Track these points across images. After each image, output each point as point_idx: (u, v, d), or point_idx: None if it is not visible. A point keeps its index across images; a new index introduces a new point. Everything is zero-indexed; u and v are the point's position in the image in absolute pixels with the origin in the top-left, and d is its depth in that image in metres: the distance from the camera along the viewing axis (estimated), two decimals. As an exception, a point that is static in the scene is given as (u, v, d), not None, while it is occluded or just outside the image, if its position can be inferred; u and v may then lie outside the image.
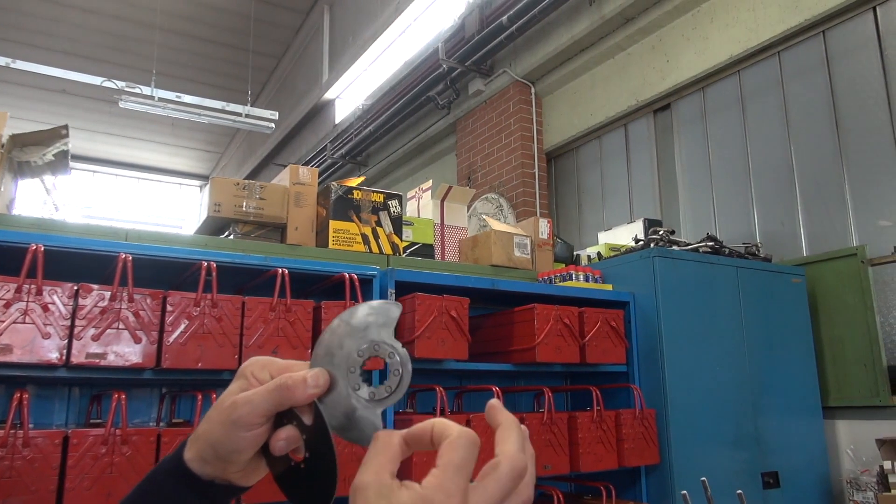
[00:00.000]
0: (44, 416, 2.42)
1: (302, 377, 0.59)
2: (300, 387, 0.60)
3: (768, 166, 4.45)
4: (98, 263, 2.19)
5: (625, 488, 3.12)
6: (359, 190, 3.20)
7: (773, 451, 3.34)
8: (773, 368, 3.45)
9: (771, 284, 3.57)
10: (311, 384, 0.60)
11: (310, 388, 0.60)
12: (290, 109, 11.59)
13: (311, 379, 0.60)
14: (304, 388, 0.60)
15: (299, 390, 0.60)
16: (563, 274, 3.38)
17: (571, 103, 6.08)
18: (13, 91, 11.27)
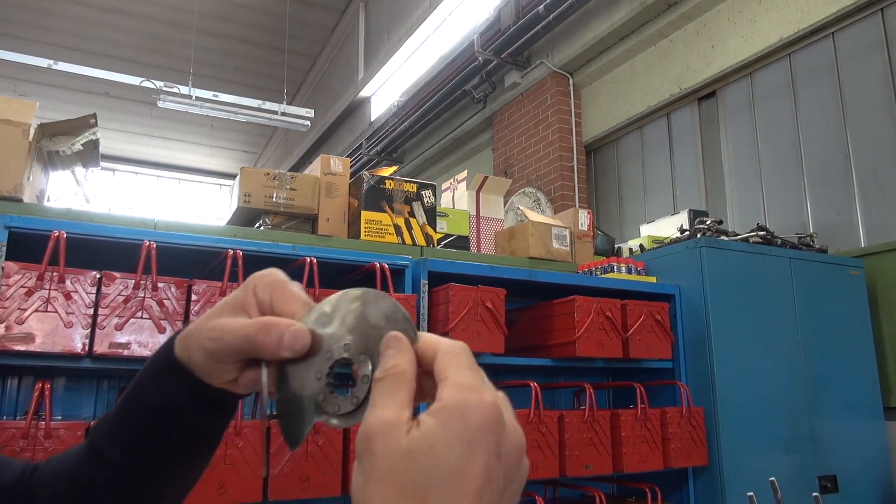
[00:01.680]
0: (73, 409, 2.38)
1: (279, 334, 0.50)
2: (272, 343, 0.50)
3: (822, 154, 4.22)
4: (125, 254, 2.13)
5: (671, 491, 2.96)
6: (391, 180, 3.10)
7: (831, 453, 3.14)
8: (829, 366, 3.24)
9: (827, 277, 3.37)
10: (285, 345, 0.50)
11: (283, 349, 0.50)
12: (327, 108, 11.62)
13: (289, 338, 0.50)
14: (277, 347, 0.50)
15: (270, 346, 0.50)
16: (604, 266, 3.23)
17: (611, 94, 5.90)
18: (59, 95, 11.53)
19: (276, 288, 0.55)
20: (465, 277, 2.58)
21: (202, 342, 0.55)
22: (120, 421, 0.61)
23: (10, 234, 1.92)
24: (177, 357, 0.58)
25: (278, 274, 0.56)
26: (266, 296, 0.55)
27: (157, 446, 0.59)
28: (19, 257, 1.90)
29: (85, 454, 0.61)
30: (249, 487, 1.98)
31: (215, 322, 0.55)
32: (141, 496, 0.61)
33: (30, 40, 10.27)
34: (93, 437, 0.62)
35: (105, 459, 0.60)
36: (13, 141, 2.30)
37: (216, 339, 0.54)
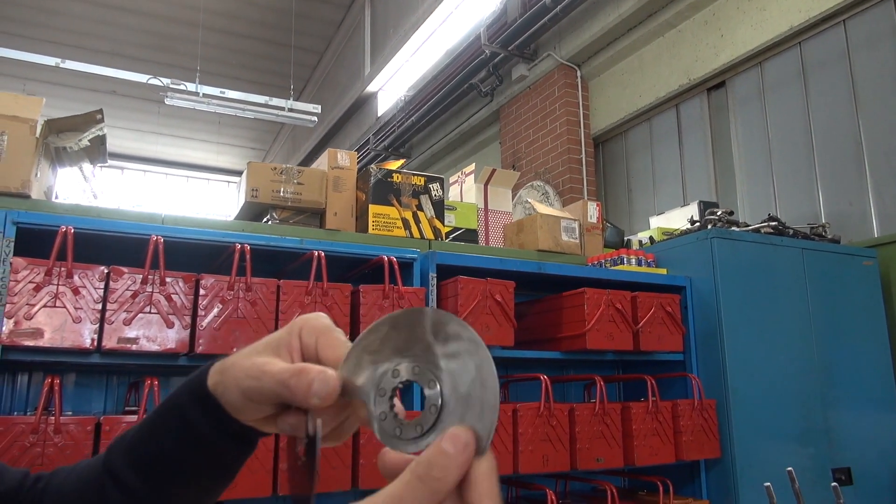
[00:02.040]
0: (83, 405, 2.38)
1: (308, 382, 0.49)
2: (302, 389, 0.50)
3: (834, 143, 4.17)
4: (133, 249, 2.12)
5: (683, 483, 2.94)
6: (398, 173, 3.08)
7: (845, 445, 3.11)
8: (843, 357, 3.21)
9: (840, 267, 3.33)
10: (314, 392, 0.49)
11: (311, 397, 0.49)
12: (333, 104, 11.61)
13: (318, 386, 0.49)
14: (305, 395, 0.49)
15: (300, 392, 0.50)
16: (614, 258, 3.21)
17: (619, 85, 5.86)
18: (66, 94, 11.57)
19: (322, 333, 0.55)
20: (474, 270, 2.57)
21: (239, 379, 0.54)
22: (139, 443, 0.60)
23: (18, 229, 1.92)
24: (209, 389, 0.57)
25: (324, 319, 0.56)
26: (311, 340, 0.54)
27: (175, 474, 0.58)
28: (28, 253, 1.90)
29: (99, 472, 0.60)
30: (259, 483, 1.97)
31: (255, 360, 0.54)
32: None
33: (37, 39, 10.31)
34: (109, 455, 0.61)
35: (119, 481, 0.59)
36: (21, 137, 2.30)
37: (254, 378, 0.53)
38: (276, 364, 0.53)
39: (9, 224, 1.91)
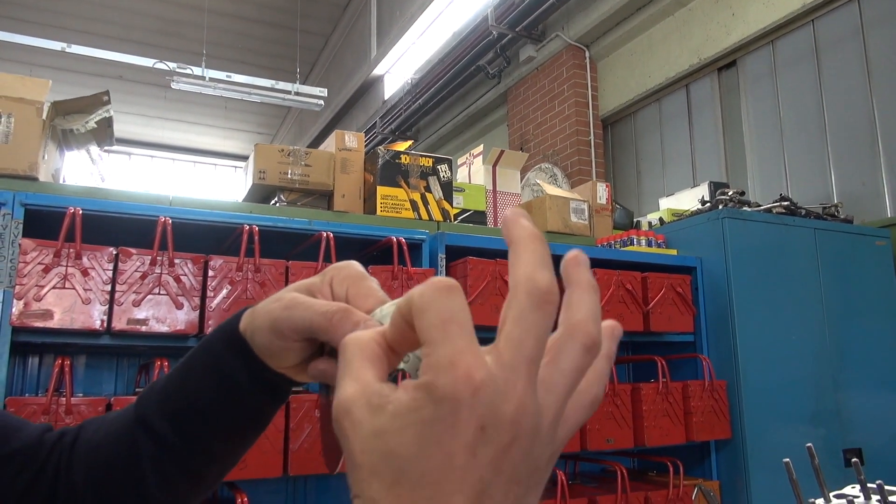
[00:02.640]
0: (93, 387, 2.39)
1: (353, 324, 0.47)
2: (347, 329, 0.46)
3: (847, 122, 4.11)
4: (141, 231, 2.12)
5: (693, 464, 2.93)
6: (407, 154, 3.06)
7: (856, 426, 3.09)
8: (855, 338, 3.18)
9: (852, 247, 3.29)
10: None
11: None
12: (340, 87, 11.55)
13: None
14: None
15: (341, 335, 0.45)
16: (624, 239, 3.19)
17: (628, 66, 5.79)
18: (73, 79, 11.55)
19: (354, 282, 0.52)
20: (483, 251, 2.55)
21: (272, 311, 0.52)
22: (171, 391, 0.59)
23: (27, 211, 1.92)
24: (240, 331, 0.56)
25: (357, 267, 0.54)
26: (342, 289, 0.52)
27: (207, 422, 0.57)
28: (36, 236, 1.90)
29: (130, 424, 0.59)
30: (270, 462, 1.98)
31: (293, 294, 0.52)
32: (184, 473, 0.59)
33: (43, 24, 10.28)
34: (140, 406, 0.60)
35: (152, 432, 0.58)
36: (27, 119, 2.29)
37: (288, 308, 0.51)
38: (316, 300, 0.51)
39: (17, 205, 1.90)
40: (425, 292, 0.34)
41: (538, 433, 0.34)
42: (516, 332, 0.34)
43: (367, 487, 0.33)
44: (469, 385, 0.32)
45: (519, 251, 0.36)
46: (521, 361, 0.33)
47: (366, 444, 0.33)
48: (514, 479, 0.33)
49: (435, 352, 0.33)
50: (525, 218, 0.38)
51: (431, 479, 0.32)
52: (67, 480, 0.60)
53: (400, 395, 0.34)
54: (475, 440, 0.32)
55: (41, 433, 0.62)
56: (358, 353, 0.37)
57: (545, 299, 0.34)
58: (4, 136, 2.25)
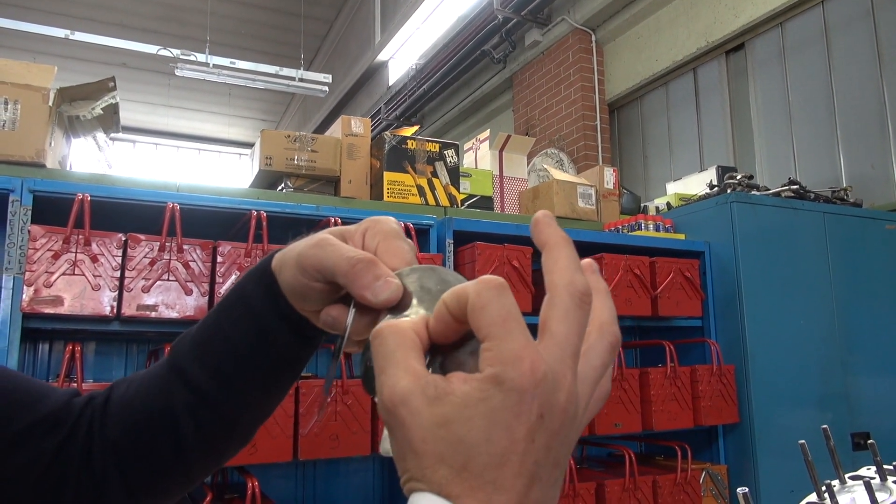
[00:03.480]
0: (103, 373, 2.40)
1: (374, 276, 0.47)
2: (367, 280, 0.47)
3: (856, 105, 4.08)
4: (149, 218, 2.12)
5: (701, 448, 2.94)
6: (413, 139, 3.05)
7: (864, 410, 3.09)
8: (864, 322, 3.17)
9: (862, 231, 3.27)
10: (377, 289, 0.47)
11: (370, 291, 0.47)
12: (344, 73, 11.50)
13: (380, 286, 0.47)
14: (366, 287, 0.47)
15: (363, 282, 0.47)
16: (632, 224, 3.17)
17: (635, 50, 5.75)
18: (77, 67, 11.53)
19: (386, 237, 0.52)
20: (491, 237, 2.54)
21: (301, 248, 0.53)
22: (204, 337, 0.59)
23: (35, 198, 1.92)
24: (272, 268, 0.56)
25: (393, 224, 0.54)
26: (373, 242, 0.52)
27: (240, 364, 0.58)
28: (44, 222, 1.90)
29: (164, 374, 0.60)
30: (280, 447, 1.99)
31: (324, 235, 0.53)
32: (218, 420, 0.59)
33: (46, 11, 10.24)
34: (173, 356, 0.60)
35: (186, 379, 0.58)
36: (34, 106, 2.28)
37: (316, 246, 0.51)
38: (345, 245, 0.51)
39: (25, 192, 1.90)
40: (481, 291, 0.37)
41: (576, 420, 0.38)
42: (563, 329, 0.37)
43: (433, 473, 0.35)
44: (533, 377, 0.35)
45: (555, 255, 0.40)
46: (569, 355, 0.37)
47: (429, 432, 0.35)
48: (557, 462, 0.37)
49: (500, 346, 0.36)
50: (554, 221, 0.42)
51: (497, 462, 0.35)
52: (102, 438, 0.60)
53: (463, 386, 0.36)
54: (535, 427, 0.35)
55: (69, 397, 0.63)
56: (402, 343, 0.39)
57: (585, 300, 0.39)
58: (11, 122, 2.25)
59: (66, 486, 0.59)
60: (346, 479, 2.58)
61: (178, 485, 0.63)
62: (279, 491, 2.48)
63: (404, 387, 0.37)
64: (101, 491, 0.60)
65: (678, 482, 2.62)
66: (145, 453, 0.60)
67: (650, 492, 2.58)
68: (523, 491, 0.35)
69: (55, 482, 0.58)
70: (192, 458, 0.60)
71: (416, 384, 0.37)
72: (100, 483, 0.60)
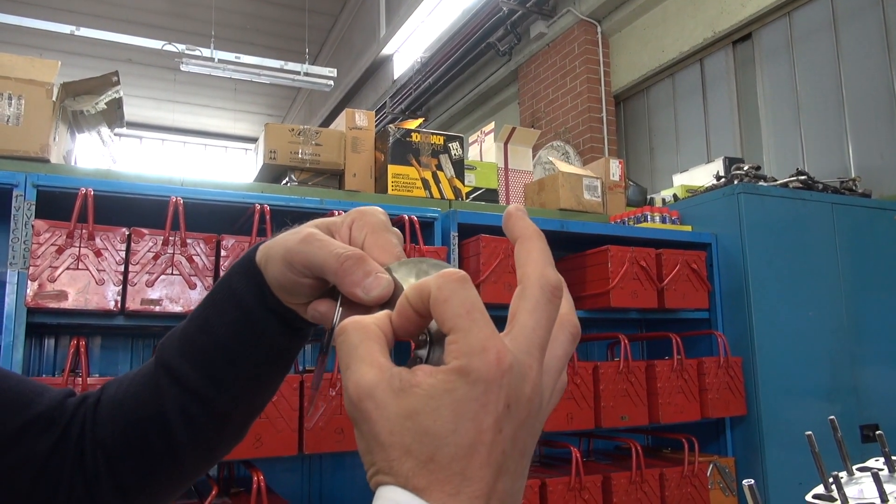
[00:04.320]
0: (109, 368, 2.41)
1: (364, 273, 0.47)
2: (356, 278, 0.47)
3: (865, 94, 4.03)
4: (153, 213, 2.11)
5: (708, 441, 2.93)
6: (417, 132, 3.04)
7: (873, 402, 3.07)
8: (872, 313, 3.14)
9: (871, 222, 3.24)
10: (366, 286, 0.46)
11: (359, 288, 0.46)
12: (349, 67, 11.49)
13: (371, 283, 0.46)
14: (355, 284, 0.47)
15: (351, 278, 0.47)
16: (638, 216, 3.16)
17: (641, 41, 5.71)
18: (82, 63, 11.54)
19: (374, 230, 0.52)
20: (496, 229, 2.53)
21: (287, 240, 0.52)
22: (191, 332, 0.59)
23: (39, 192, 1.92)
24: (256, 262, 0.56)
25: (380, 215, 0.53)
26: (360, 236, 0.51)
27: (228, 360, 0.57)
28: (48, 217, 1.90)
29: (152, 371, 0.59)
30: (285, 441, 1.99)
31: (311, 230, 0.52)
32: (209, 415, 0.58)
33: (51, 8, 10.26)
34: (161, 352, 0.60)
35: (174, 375, 0.57)
36: (37, 101, 2.28)
37: (304, 242, 0.50)
38: (333, 240, 0.50)
39: (29, 187, 1.90)
40: (443, 284, 0.37)
41: (541, 411, 0.39)
42: (531, 322, 0.38)
43: (401, 465, 0.35)
44: (500, 368, 0.35)
45: (528, 248, 0.41)
46: (535, 347, 0.37)
47: (395, 425, 0.35)
48: (523, 452, 0.37)
49: (465, 338, 0.36)
50: (526, 214, 0.43)
51: (463, 453, 0.34)
52: (94, 438, 0.60)
53: (429, 378, 0.35)
54: (502, 417, 0.35)
55: (63, 397, 0.62)
56: (365, 337, 0.38)
57: (556, 294, 0.39)
58: (15, 118, 2.25)
59: (60, 488, 0.58)
60: (352, 472, 2.58)
61: (171, 484, 0.62)
62: (285, 485, 2.48)
63: (369, 380, 0.36)
64: (93, 492, 0.59)
65: (685, 475, 2.61)
66: (136, 453, 0.59)
67: (657, 485, 2.57)
68: (491, 481, 0.34)
69: (48, 483, 0.58)
70: (184, 455, 0.59)
71: (382, 377, 0.36)
72: (92, 484, 0.59)
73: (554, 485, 2.36)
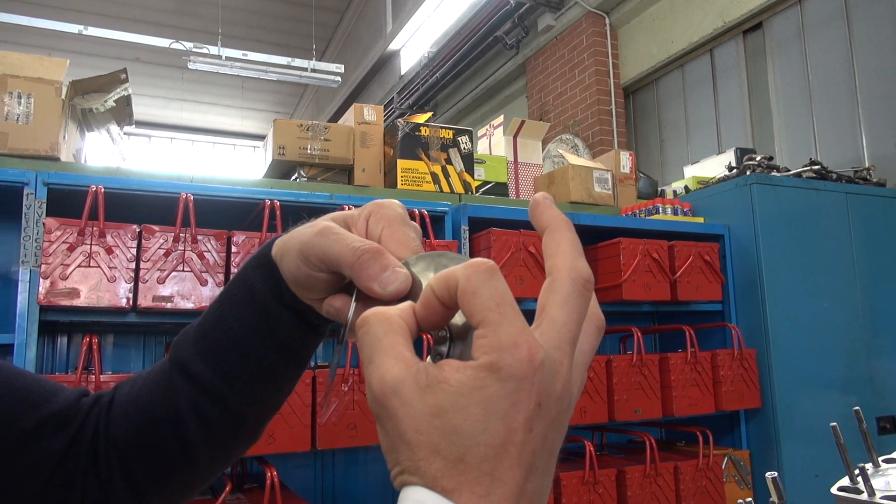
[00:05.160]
0: (122, 366, 2.42)
1: (381, 267, 0.45)
2: (373, 272, 0.45)
3: (878, 82, 3.98)
4: (163, 210, 2.11)
5: (722, 434, 2.91)
6: (426, 126, 3.02)
7: (890, 394, 3.03)
8: (888, 304, 3.11)
9: (885, 211, 3.21)
10: (383, 281, 0.45)
11: (377, 283, 0.45)
12: (356, 63, 11.47)
13: (388, 278, 0.45)
14: (372, 279, 0.45)
15: (368, 273, 0.45)
16: (649, 208, 3.13)
17: (650, 32, 5.66)
18: (90, 62, 11.57)
19: (391, 223, 0.50)
20: (506, 223, 2.52)
21: (304, 233, 0.51)
22: (206, 329, 0.58)
23: (49, 190, 1.92)
24: (272, 256, 0.55)
25: (398, 208, 0.51)
26: (377, 228, 0.50)
27: (243, 355, 0.56)
28: (59, 215, 1.90)
29: (167, 369, 0.58)
30: (298, 436, 1.98)
31: (327, 223, 0.50)
32: (224, 414, 0.57)
33: (59, 8, 10.29)
34: (175, 350, 0.59)
35: (189, 373, 0.56)
36: (47, 99, 2.28)
37: (320, 235, 0.49)
38: (349, 234, 0.49)
39: (40, 185, 1.90)
40: (471, 275, 0.36)
41: (570, 408, 0.37)
42: (562, 316, 0.37)
43: (428, 466, 0.33)
44: (531, 365, 0.34)
45: (557, 239, 0.39)
46: (566, 342, 0.36)
47: (422, 423, 0.34)
48: (552, 451, 0.36)
49: (495, 332, 0.34)
50: (553, 203, 0.41)
51: (494, 453, 0.33)
52: (107, 437, 0.59)
53: (457, 374, 0.34)
54: (533, 415, 0.34)
55: (77, 397, 0.61)
56: (389, 329, 0.37)
57: (587, 287, 0.38)
58: (25, 116, 2.25)
59: (74, 487, 0.58)
60: (365, 468, 2.58)
61: (186, 484, 0.61)
62: (298, 480, 2.48)
63: (395, 375, 0.35)
64: (107, 492, 0.58)
65: (700, 468, 2.59)
66: (151, 453, 0.58)
67: (671, 478, 2.55)
68: (521, 482, 0.33)
69: (63, 483, 0.57)
70: (199, 455, 0.58)
71: (408, 372, 0.35)
72: (106, 484, 0.58)
73: (568, 479, 2.35)
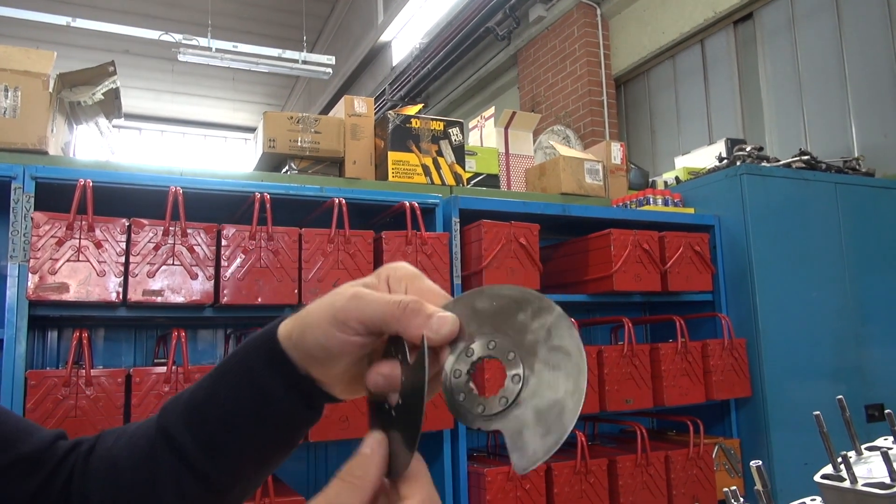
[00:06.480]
0: (112, 360, 2.41)
1: (427, 315, 0.47)
2: (421, 319, 0.47)
3: (868, 72, 4.00)
4: (153, 203, 2.10)
5: (713, 423, 2.93)
6: (417, 118, 3.02)
7: (878, 382, 3.06)
8: (877, 293, 3.13)
9: (874, 201, 3.23)
10: (434, 326, 0.46)
11: (430, 328, 0.46)
12: (347, 55, 11.42)
13: (438, 322, 0.47)
14: (425, 324, 0.47)
15: (416, 322, 0.47)
16: (640, 199, 3.14)
17: (641, 22, 5.65)
18: (79, 55, 11.47)
19: (412, 280, 0.52)
20: (497, 214, 2.52)
21: (334, 302, 0.50)
22: (197, 401, 0.56)
23: (37, 184, 1.91)
24: (279, 338, 0.53)
25: (410, 266, 0.53)
26: (400, 287, 0.51)
27: (233, 436, 0.54)
28: (47, 210, 1.89)
29: (151, 435, 0.57)
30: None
31: (357, 288, 0.51)
32: (206, 493, 0.55)
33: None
34: (163, 416, 0.57)
35: (174, 444, 0.55)
36: (34, 92, 2.26)
37: (355, 298, 0.49)
38: (381, 293, 0.50)
39: (28, 179, 1.89)
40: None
41: None
42: None
43: None
44: None
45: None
46: None
47: None
48: None
49: None
50: None
51: None
52: (81, 490, 0.57)
53: None
54: None
55: (53, 439, 0.60)
56: (360, 491, 0.46)
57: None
58: (12, 110, 2.24)
59: None
60: (358, 460, 2.58)
61: None
62: (291, 473, 2.49)
63: None
64: None
65: (691, 457, 2.62)
66: None
67: (662, 467, 2.57)
68: None
69: None
70: None
71: None
72: None
73: (559, 469, 2.37)
